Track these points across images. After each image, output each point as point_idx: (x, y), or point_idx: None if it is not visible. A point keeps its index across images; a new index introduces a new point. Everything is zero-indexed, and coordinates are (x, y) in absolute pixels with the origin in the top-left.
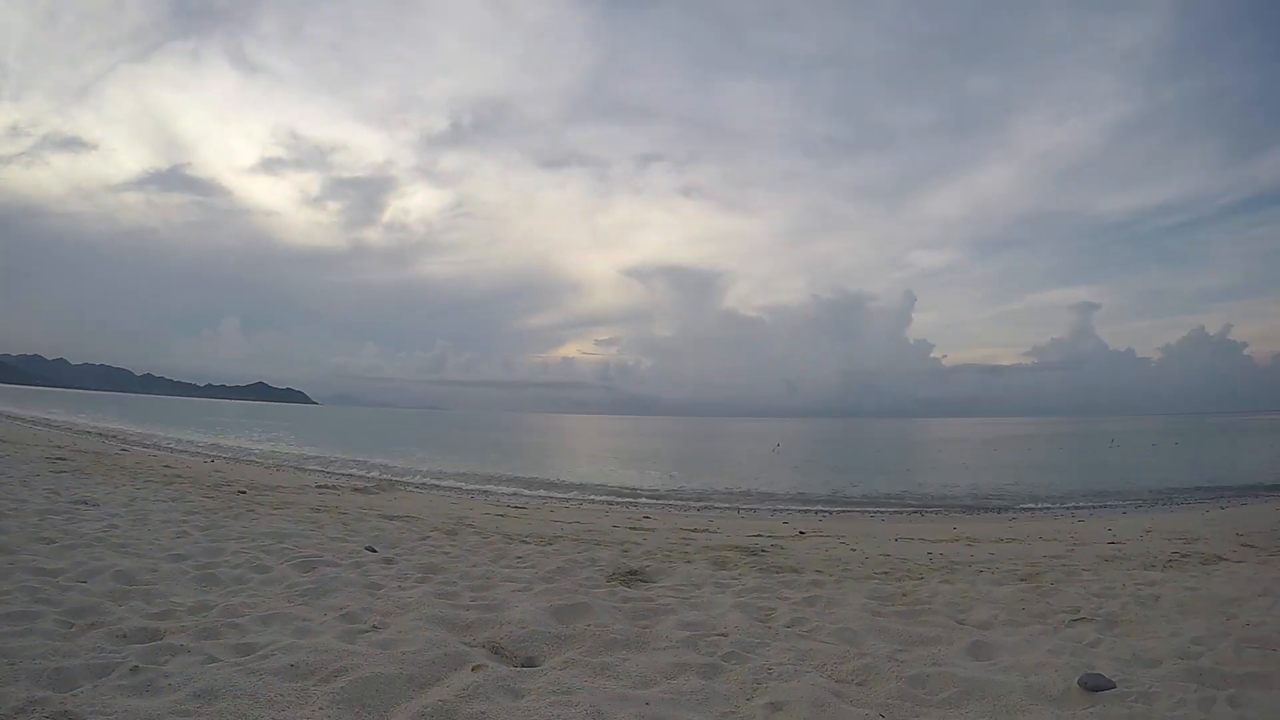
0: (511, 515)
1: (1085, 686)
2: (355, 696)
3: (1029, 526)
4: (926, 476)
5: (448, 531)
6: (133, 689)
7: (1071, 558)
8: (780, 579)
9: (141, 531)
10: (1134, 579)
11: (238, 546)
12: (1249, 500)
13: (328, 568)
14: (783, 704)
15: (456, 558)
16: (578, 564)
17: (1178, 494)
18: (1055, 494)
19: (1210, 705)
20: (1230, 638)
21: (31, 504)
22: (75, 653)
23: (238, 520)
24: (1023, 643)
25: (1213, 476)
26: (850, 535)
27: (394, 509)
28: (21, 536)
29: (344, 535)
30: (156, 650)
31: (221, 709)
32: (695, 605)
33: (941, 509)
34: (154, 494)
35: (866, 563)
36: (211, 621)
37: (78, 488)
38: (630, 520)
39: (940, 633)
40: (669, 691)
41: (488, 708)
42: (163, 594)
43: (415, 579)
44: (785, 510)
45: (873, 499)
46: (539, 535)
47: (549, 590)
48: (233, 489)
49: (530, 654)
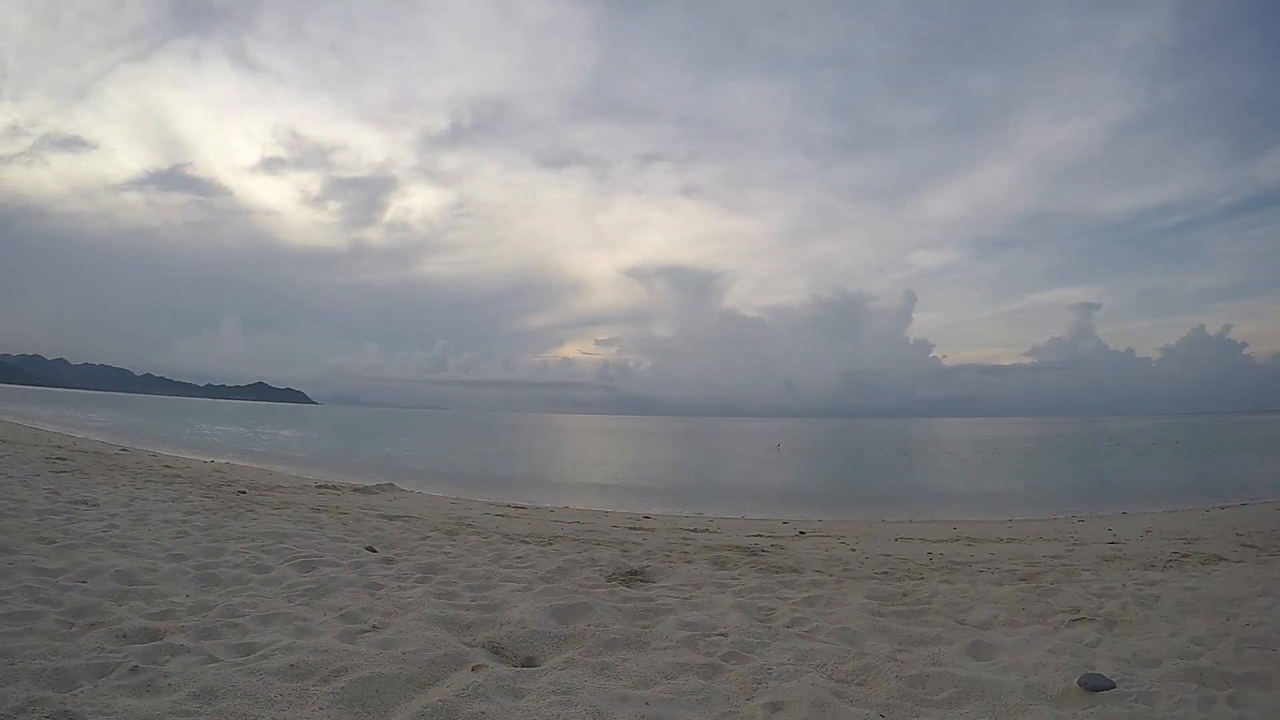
0: (511, 515)
1: (1085, 686)
2: (355, 696)
3: (1029, 526)
4: (926, 476)
5: (448, 531)
6: (133, 689)
7: (1071, 558)
8: (780, 579)
9: (141, 531)
10: (1134, 579)
11: (238, 546)
12: (1249, 500)
13: (328, 568)
14: (783, 704)
15: (456, 558)
16: (578, 564)
17: (1178, 494)
18: (1055, 494)
19: (1210, 705)
20: (1230, 638)
21: (31, 504)
22: (75, 653)
23: (238, 520)
24: (1023, 643)
25: (1213, 476)
26: (850, 535)
27: (394, 509)
28: (21, 536)
29: (344, 535)
30: (156, 650)
31: (221, 709)
32: (695, 605)
33: (941, 509)
34: (154, 494)
35: (866, 563)
36: (211, 621)
37: (78, 488)
38: (630, 520)
39: (940, 633)
40: (669, 691)
41: (488, 708)
42: (163, 594)
43: (415, 579)
44: (785, 510)
45: (873, 499)
46: (539, 535)
47: (549, 590)
48: (233, 489)
49: (530, 654)
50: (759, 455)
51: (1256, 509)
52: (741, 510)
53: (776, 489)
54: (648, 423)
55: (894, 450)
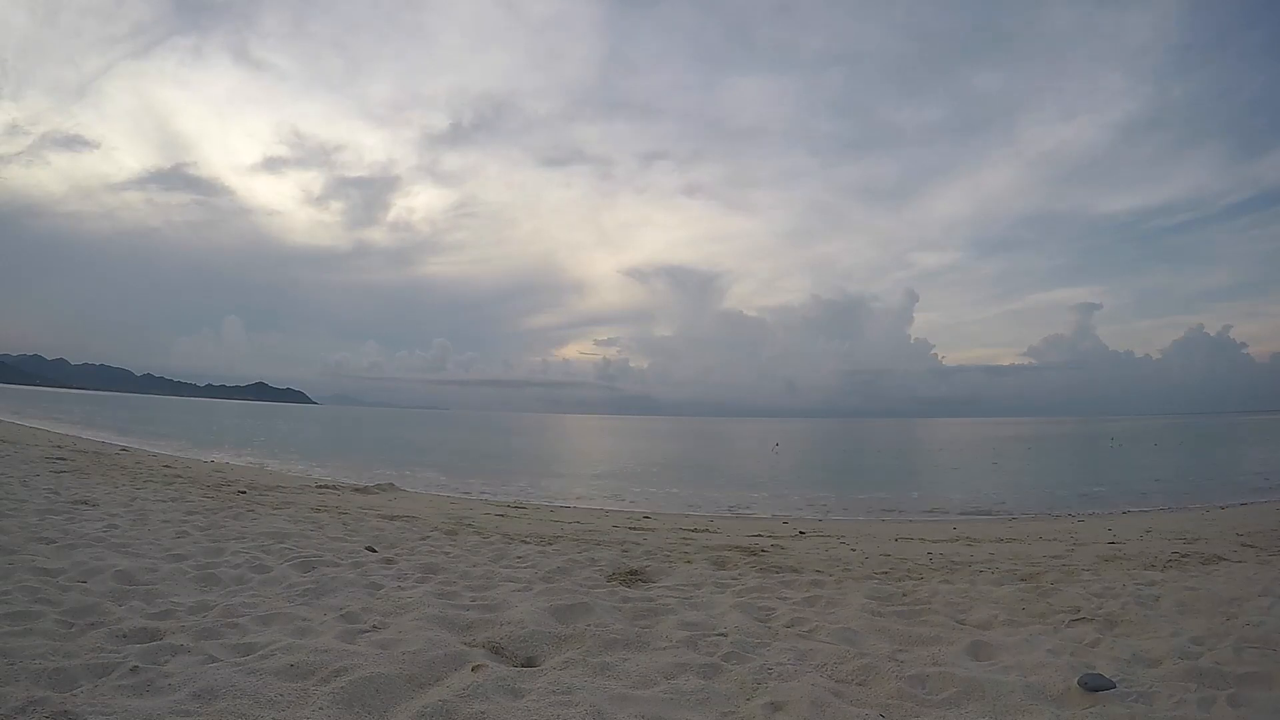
0: (511, 515)
1: (1085, 686)
2: (355, 696)
3: (1029, 526)
4: (926, 476)
5: (448, 531)
6: (133, 689)
7: (1071, 558)
8: (780, 579)
9: (141, 531)
10: (1134, 579)
11: (238, 546)
12: (1249, 500)
13: (328, 568)
14: (783, 704)
15: (456, 558)
16: (578, 564)
17: (1178, 494)
18: (1055, 494)
19: (1210, 705)
20: (1230, 638)
21: (31, 504)
22: (75, 653)
23: (238, 520)
24: (1023, 643)
25: (1212, 476)
26: (850, 535)
27: (394, 509)
28: (21, 536)
29: (344, 535)
30: (156, 650)
31: (221, 709)
32: (695, 605)
33: (941, 509)
34: (154, 494)
35: (866, 563)
36: (211, 621)
37: (78, 488)
38: (630, 520)
39: (940, 633)
40: (669, 691)
41: (488, 708)
42: (163, 594)
43: (415, 579)
44: (785, 510)
45: (873, 499)
46: (539, 535)
47: (549, 590)
48: (233, 489)
49: (530, 654)
50: (759, 455)
51: (1256, 509)
52: (742, 510)
53: (776, 489)
54: (648, 423)
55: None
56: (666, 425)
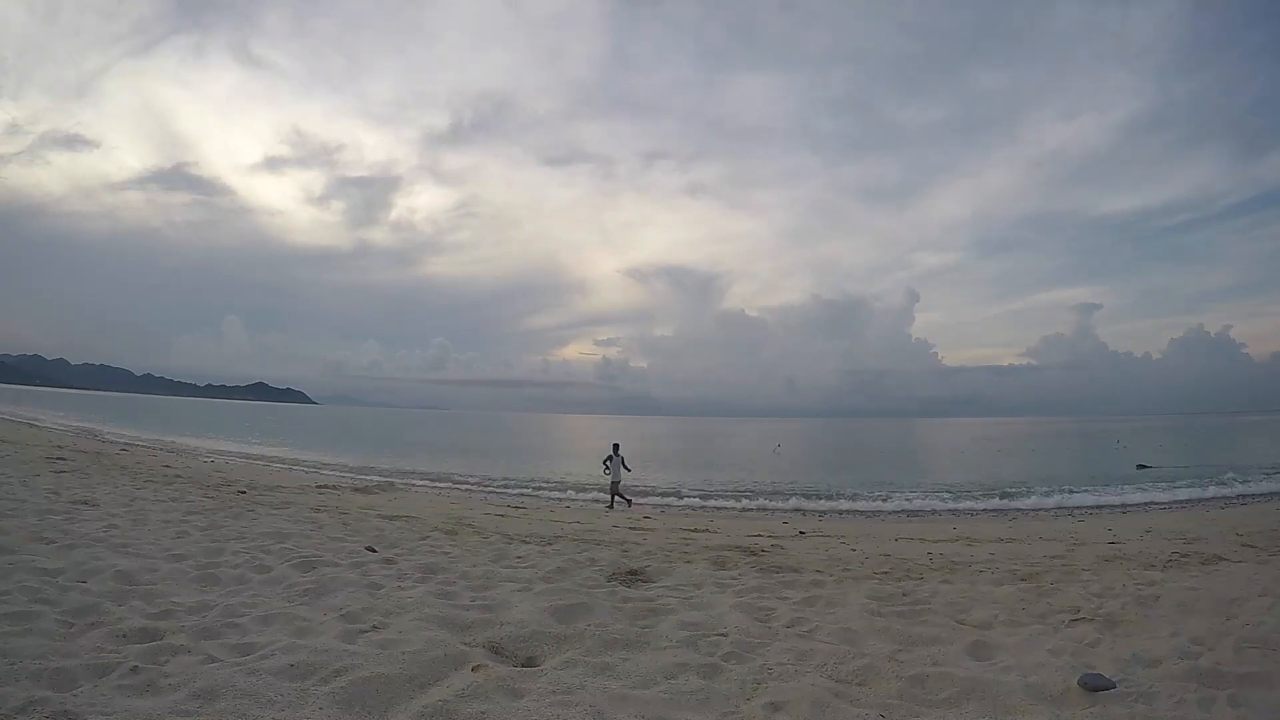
0: (511, 515)
1: (1085, 686)
2: (355, 696)
3: (1029, 526)
4: (927, 476)
5: (448, 531)
6: (133, 689)
7: (1071, 558)
8: (780, 579)
9: (141, 531)
10: (1134, 579)
11: (238, 546)
12: (1249, 500)
13: (328, 568)
14: (783, 704)
15: (456, 558)
16: (578, 564)
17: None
18: (1055, 494)
19: (1210, 705)
20: (1230, 638)
21: (31, 504)
22: (75, 653)
23: (238, 520)
24: (1023, 643)
25: (1212, 476)
26: (850, 535)
27: (394, 509)
28: (21, 536)
29: (344, 535)
30: (156, 650)
31: (221, 709)
32: (695, 605)
33: (941, 509)
34: (154, 494)
35: (866, 563)
36: (211, 621)
37: (78, 488)
38: (630, 520)
39: (940, 633)
40: (669, 691)
41: (488, 708)
42: (163, 594)
43: (415, 579)
44: (785, 510)
45: (873, 499)
46: (539, 535)
47: (549, 590)
48: (233, 489)
49: (530, 654)
50: (760, 455)
51: (1256, 509)
52: (741, 510)
53: (777, 489)
54: (649, 423)
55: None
56: (667, 425)
